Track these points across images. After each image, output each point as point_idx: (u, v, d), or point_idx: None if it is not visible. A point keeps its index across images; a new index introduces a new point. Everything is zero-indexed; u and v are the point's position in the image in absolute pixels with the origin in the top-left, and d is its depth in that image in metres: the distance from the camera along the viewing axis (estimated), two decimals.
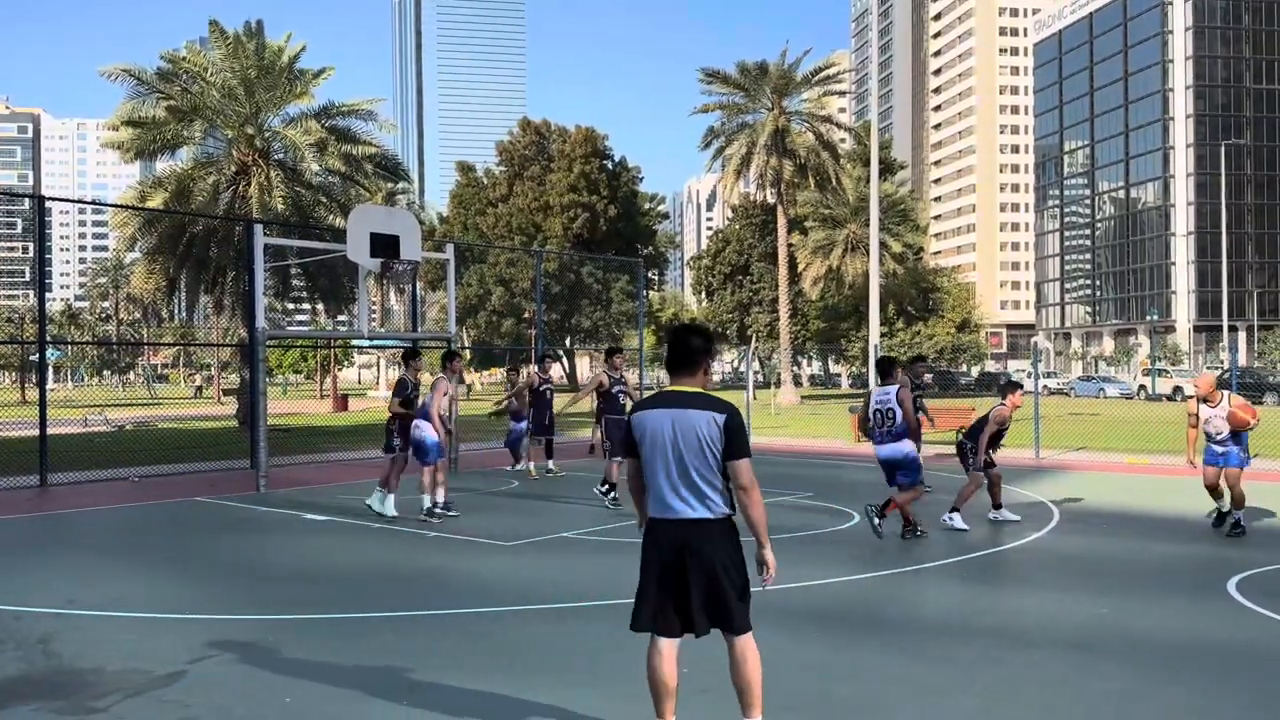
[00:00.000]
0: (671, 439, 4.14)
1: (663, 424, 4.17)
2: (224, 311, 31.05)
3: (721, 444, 4.11)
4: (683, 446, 4.12)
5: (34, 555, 9.48)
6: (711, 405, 4.16)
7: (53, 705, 5.07)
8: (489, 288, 61.17)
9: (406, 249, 15.23)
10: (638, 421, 4.28)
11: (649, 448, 4.20)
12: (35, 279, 17.04)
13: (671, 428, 4.14)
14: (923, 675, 5.54)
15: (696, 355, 4.29)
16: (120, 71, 27.40)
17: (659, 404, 4.25)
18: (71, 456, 18.04)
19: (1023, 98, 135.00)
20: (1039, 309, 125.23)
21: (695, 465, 4.11)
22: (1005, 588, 7.84)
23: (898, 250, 53.84)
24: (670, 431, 4.14)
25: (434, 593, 7.67)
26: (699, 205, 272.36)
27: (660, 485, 4.17)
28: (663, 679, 4.21)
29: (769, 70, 46.81)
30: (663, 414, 4.19)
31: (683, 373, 4.30)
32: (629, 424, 4.34)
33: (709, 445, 4.10)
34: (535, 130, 70.51)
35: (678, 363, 4.32)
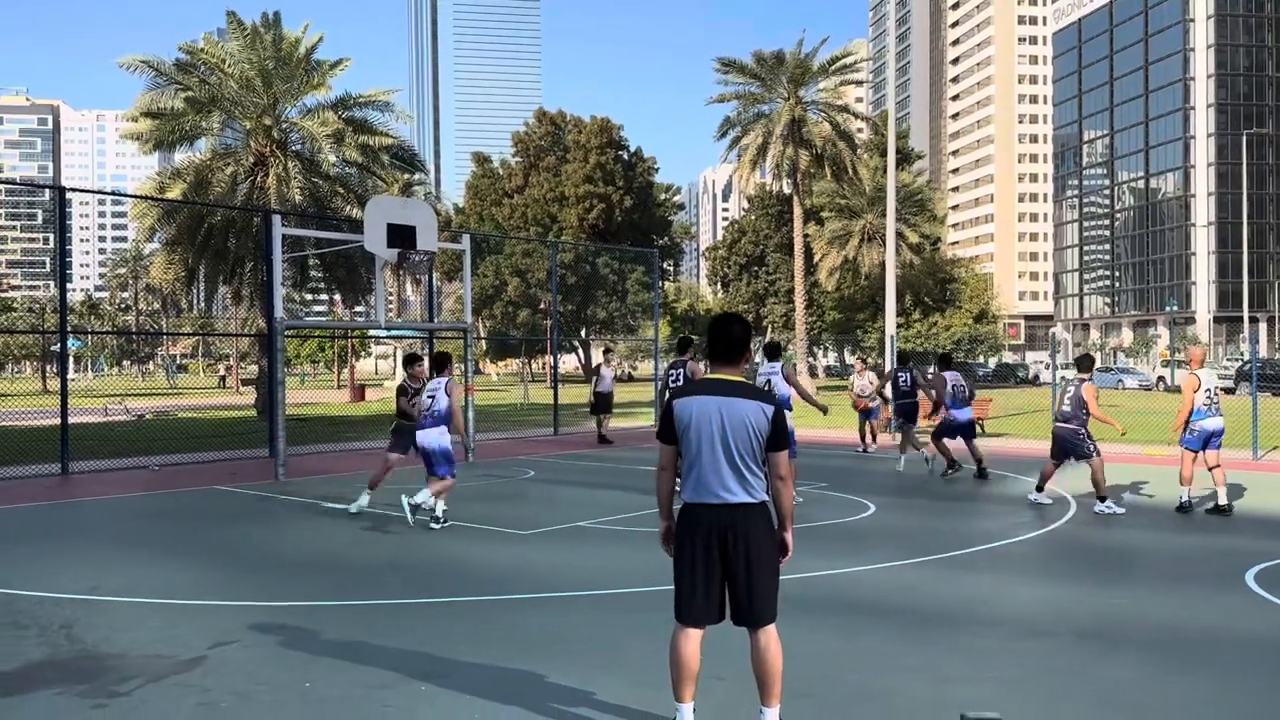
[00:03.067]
0: (719, 426, 4.19)
1: (709, 410, 4.22)
2: (242, 302, 31.20)
3: (767, 434, 4.21)
4: (730, 433, 4.18)
5: (56, 542, 9.59)
6: (759, 396, 4.27)
7: (76, 689, 5.14)
8: (505, 278, 61.26)
9: (423, 239, 15.28)
10: (681, 407, 4.29)
11: (694, 433, 4.23)
12: (56, 269, 17.18)
13: (719, 414, 4.20)
14: (936, 664, 5.55)
15: (739, 345, 4.36)
16: (139, 63, 27.55)
17: (704, 391, 4.29)
18: (92, 445, 18.22)
19: (1041, 87, 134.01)
20: (1057, 300, 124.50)
21: (742, 453, 4.19)
22: (1020, 578, 7.83)
23: (915, 240, 53.56)
24: (718, 418, 4.20)
25: (451, 580, 7.73)
26: (715, 196, 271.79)
27: (705, 470, 4.21)
28: (688, 663, 4.27)
29: (785, 60, 46.59)
30: (709, 401, 4.24)
31: (726, 362, 4.36)
32: (670, 410, 4.34)
33: (755, 433, 4.19)
34: (551, 121, 70.50)
35: (722, 352, 4.37)
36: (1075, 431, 10.95)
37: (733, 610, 4.29)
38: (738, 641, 4.46)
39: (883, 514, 10.84)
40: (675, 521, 4.40)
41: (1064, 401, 11.12)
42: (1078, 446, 10.93)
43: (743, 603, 4.24)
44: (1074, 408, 10.94)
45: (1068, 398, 11.04)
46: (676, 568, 4.33)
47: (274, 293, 15.21)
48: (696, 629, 4.29)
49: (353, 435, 22.54)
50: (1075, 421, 10.92)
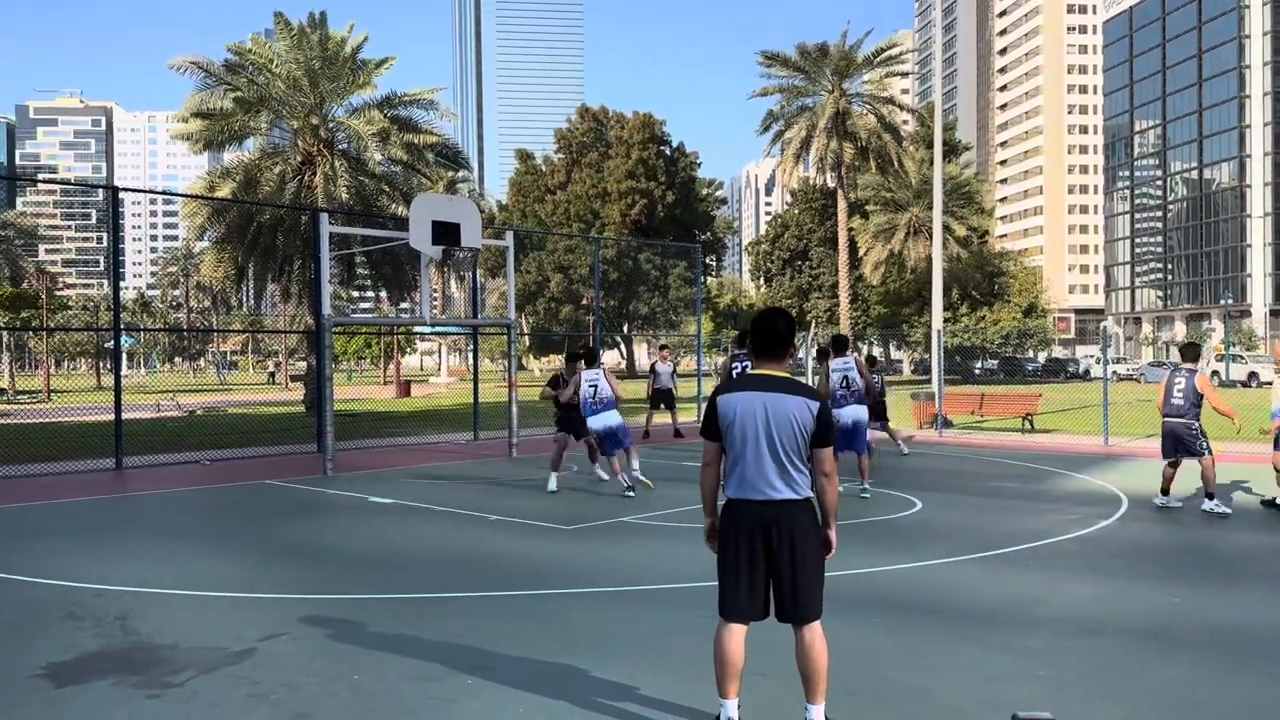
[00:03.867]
0: (764, 421, 4.16)
1: (754, 406, 4.19)
2: (291, 299, 31.66)
3: (812, 430, 4.17)
4: (775, 429, 4.16)
5: (111, 536, 9.79)
6: (804, 392, 4.23)
7: (131, 680, 5.24)
8: (547, 274, 61.50)
9: (467, 236, 15.37)
10: (726, 404, 4.27)
11: (738, 429, 4.21)
12: (110, 268, 17.50)
13: (764, 411, 4.17)
14: (985, 662, 5.47)
15: (783, 340, 4.33)
16: (189, 64, 28.01)
17: (748, 387, 4.26)
18: (145, 441, 18.59)
19: (1091, 77, 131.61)
20: (1108, 293, 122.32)
21: (786, 449, 4.16)
22: (1072, 576, 7.70)
23: (962, 234, 52.95)
24: (763, 414, 4.17)
25: (496, 574, 7.77)
26: (757, 190, 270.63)
27: (749, 467, 4.19)
28: (733, 659, 4.25)
29: (829, 52, 46.25)
30: (753, 396, 4.21)
31: (770, 357, 4.33)
32: (713, 406, 4.31)
33: (801, 430, 4.16)
34: (593, 117, 70.61)
35: (765, 347, 4.34)
36: (1189, 426, 10.31)
37: (777, 607, 4.26)
38: (782, 638, 4.43)
39: (930, 511, 10.72)
40: (720, 517, 4.37)
41: (1173, 394, 10.44)
42: (1192, 443, 10.30)
43: (787, 599, 4.21)
44: (1186, 400, 10.32)
45: (1178, 390, 10.40)
46: (721, 564, 4.30)
47: (322, 290, 15.40)
48: (741, 625, 4.27)
49: (399, 431, 22.77)
50: (1189, 415, 10.31)
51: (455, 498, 11.98)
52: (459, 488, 12.98)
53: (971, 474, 14.11)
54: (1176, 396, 10.44)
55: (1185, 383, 10.37)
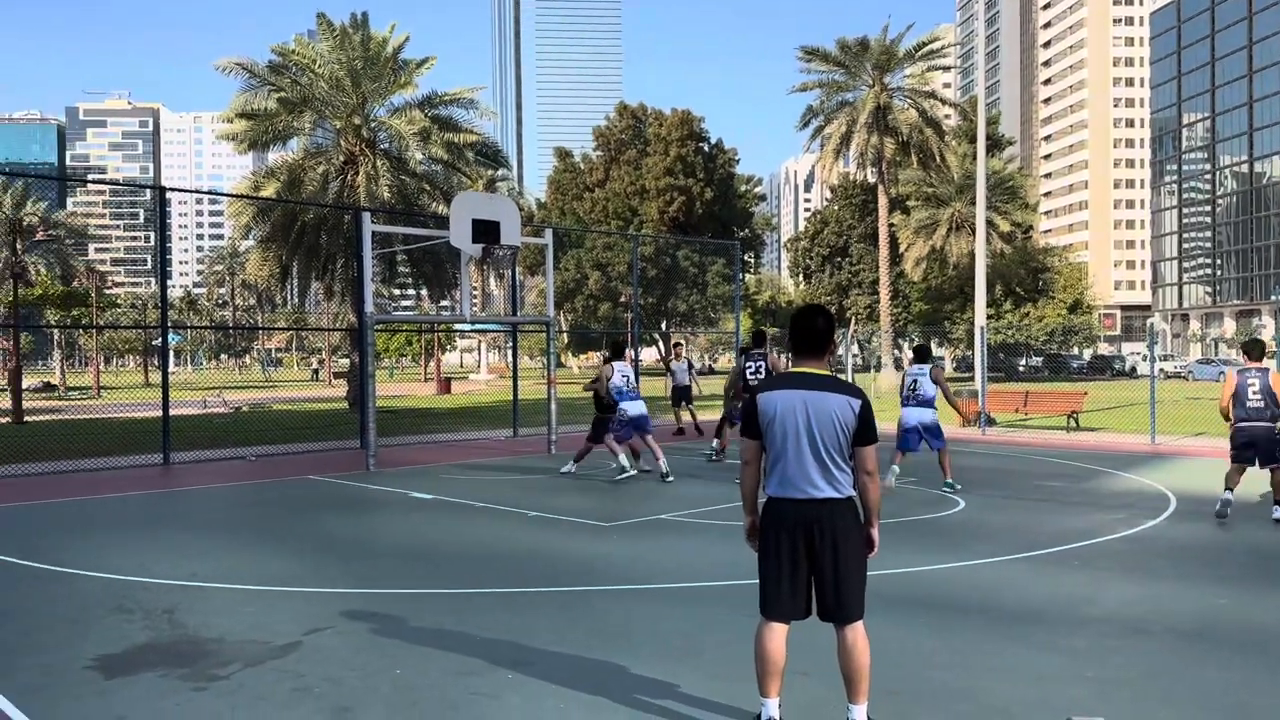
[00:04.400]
0: (805, 420, 4.14)
1: (794, 404, 4.16)
2: (334, 297, 32.00)
3: (854, 428, 4.14)
4: (817, 428, 4.12)
5: (159, 530, 9.96)
6: (846, 389, 4.20)
7: (179, 672, 5.33)
8: (586, 272, 61.60)
9: (507, 234, 15.45)
10: (766, 402, 4.23)
11: (778, 427, 4.18)
12: (157, 267, 17.81)
13: (804, 409, 4.14)
14: (1031, 663, 5.41)
15: (824, 337, 4.30)
16: (234, 65, 28.40)
17: (789, 384, 4.23)
18: (192, 436, 18.91)
19: (1138, 69, 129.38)
20: (1155, 289, 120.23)
21: (828, 447, 4.13)
22: (1118, 576, 7.58)
23: (1006, 229, 52.28)
24: (803, 412, 4.14)
25: (536, 571, 7.80)
26: (796, 186, 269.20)
27: (789, 465, 4.16)
28: (774, 658, 4.22)
29: (870, 46, 45.86)
30: (794, 394, 4.18)
31: (810, 355, 4.30)
32: (753, 404, 4.27)
33: (842, 428, 4.13)
34: (632, 114, 70.59)
35: (805, 345, 4.31)
36: (1270, 429, 9.52)
37: (819, 606, 4.23)
38: (824, 637, 4.40)
39: (973, 510, 10.61)
40: (760, 516, 4.35)
41: (1249, 397, 9.58)
42: (1273, 448, 9.52)
43: (829, 599, 4.18)
44: (1265, 401, 9.53)
45: (1254, 392, 9.57)
46: (762, 563, 4.28)
47: (364, 288, 15.54)
48: (782, 624, 4.24)
49: (439, 427, 22.95)
50: (1269, 418, 9.52)
51: (495, 494, 12.05)
52: (498, 484, 13.06)
53: (1015, 473, 13.94)
54: (1254, 399, 9.60)
55: (1260, 382, 9.60)
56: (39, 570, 7.96)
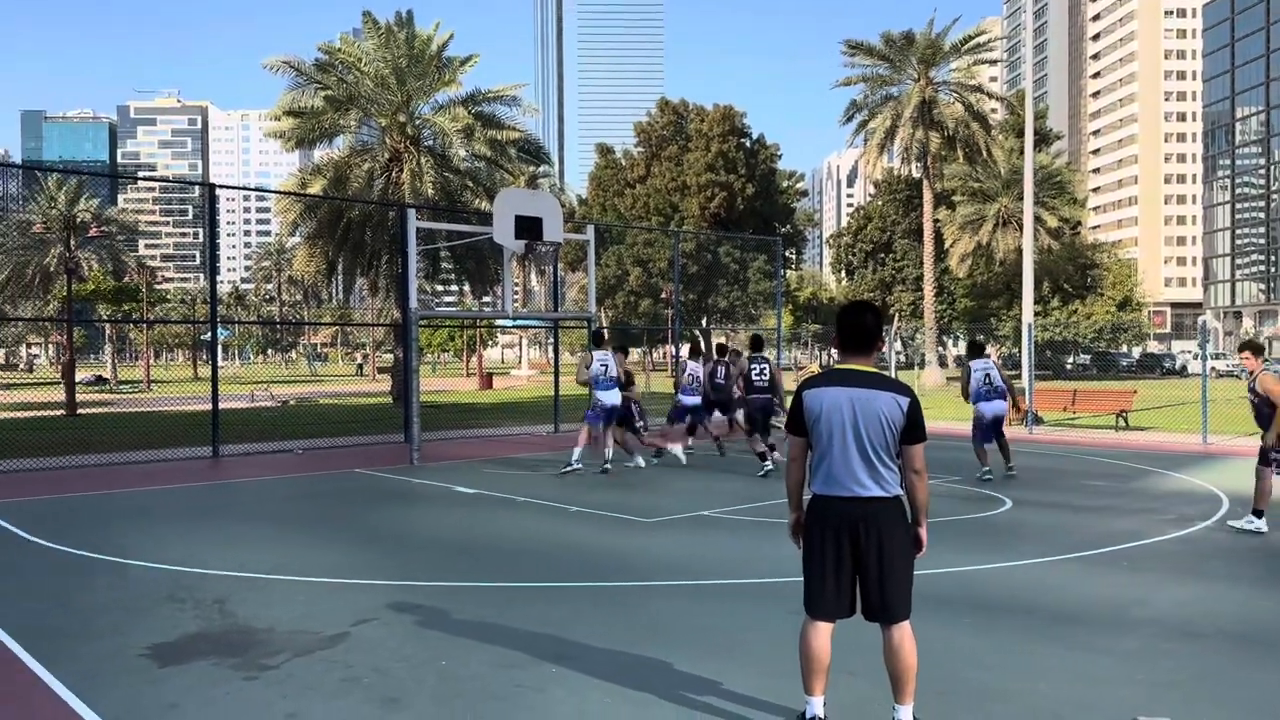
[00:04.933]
0: (851, 418, 4.09)
1: (840, 402, 4.12)
2: (378, 293, 32.34)
3: (902, 426, 4.10)
4: (863, 426, 4.08)
5: (210, 521, 10.14)
6: (894, 387, 4.15)
7: (230, 661, 5.43)
8: (626, 268, 61.65)
9: (549, 230, 15.51)
10: (812, 399, 4.19)
11: (824, 425, 4.14)
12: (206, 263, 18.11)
13: (851, 406, 4.10)
14: (1078, 664, 5.34)
15: (871, 334, 4.23)
16: (281, 64, 28.79)
17: (835, 382, 4.18)
18: (240, 429, 19.22)
19: (1190, 62, 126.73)
20: (1207, 286, 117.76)
21: (875, 445, 4.08)
22: (1169, 577, 7.45)
23: (1053, 225, 51.53)
24: (850, 410, 4.10)
25: (579, 565, 7.83)
26: (839, 182, 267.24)
27: (835, 463, 4.12)
28: (820, 656, 4.20)
29: (915, 40, 45.42)
30: (840, 392, 4.14)
31: (858, 352, 4.24)
32: (799, 401, 4.24)
33: (889, 426, 4.09)
34: (673, 110, 70.48)
35: (853, 342, 4.24)
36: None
37: (864, 605, 4.19)
38: (871, 636, 4.38)
39: (1020, 510, 10.49)
40: (805, 513, 4.32)
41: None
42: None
43: (875, 598, 4.14)
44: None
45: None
46: (807, 560, 4.25)
47: (409, 284, 15.69)
48: (827, 623, 4.22)
49: (481, 422, 23.11)
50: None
51: (537, 489, 12.13)
52: (540, 479, 13.13)
53: (1063, 472, 13.75)
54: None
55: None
56: (94, 560, 8.14)
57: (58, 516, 10.34)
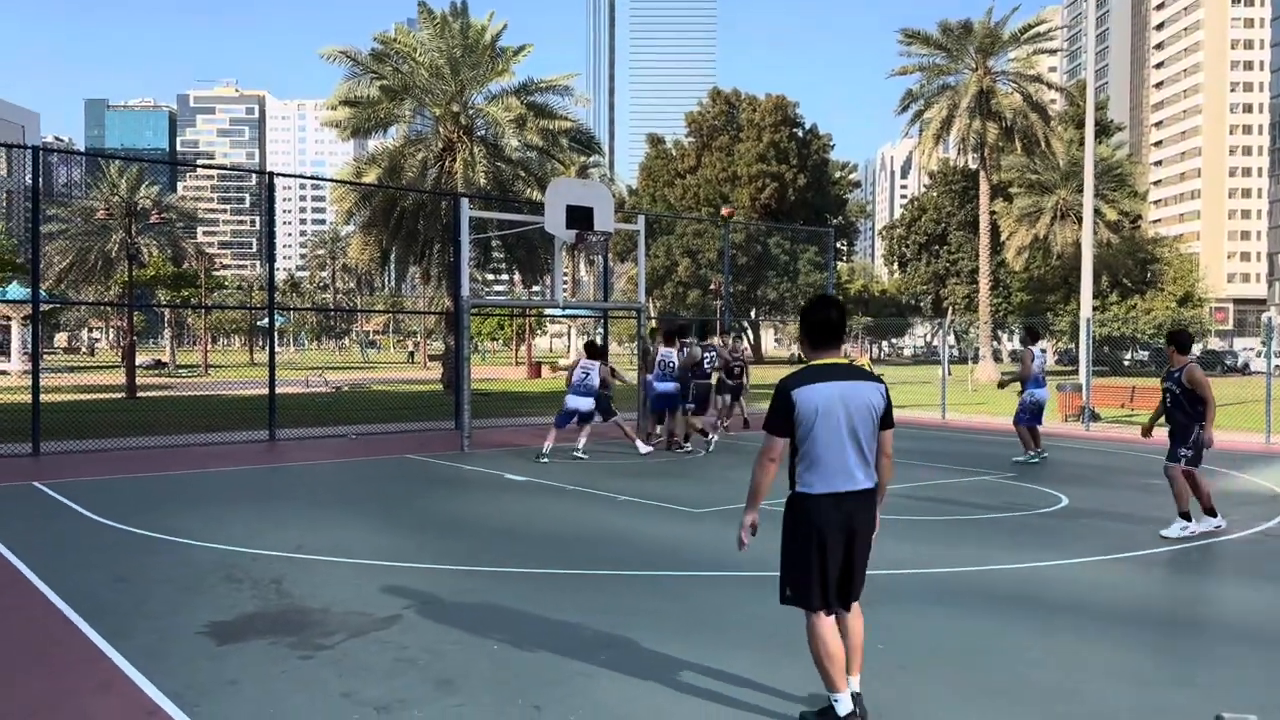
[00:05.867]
0: (846, 412, 4.15)
1: (834, 399, 4.15)
2: (430, 281, 32.63)
3: (881, 413, 4.24)
4: (855, 419, 4.16)
5: (267, 503, 10.33)
6: (871, 377, 4.30)
7: (286, 640, 5.52)
8: (675, 259, 61.58)
9: (600, 220, 15.53)
10: (804, 397, 4.15)
11: (821, 425, 4.13)
12: (263, 250, 18.40)
13: (844, 401, 4.15)
14: (1136, 666, 5.23)
15: (839, 328, 4.30)
16: (338, 53, 29.11)
17: (822, 378, 4.18)
18: (296, 414, 19.53)
19: (1257, 52, 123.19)
20: (1272, 282, 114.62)
21: (866, 436, 4.19)
22: (1229, 578, 7.28)
23: (1113, 218, 50.51)
24: (844, 405, 4.15)
25: (629, 554, 7.85)
26: (892, 173, 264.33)
27: (833, 459, 4.15)
28: (840, 651, 4.22)
29: (973, 29, 44.74)
30: (831, 387, 4.16)
31: (831, 346, 4.29)
32: (789, 401, 4.17)
33: (875, 416, 4.22)
34: (725, 100, 70.19)
35: (827, 336, 4.29)
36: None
37: (844, 590, 4.30)
38: (918, 631, 4.33)
39: (1077, 507, 10.31)
40: (796, 512, 4.27)
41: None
42: None
43: (857, 580, 4.30)
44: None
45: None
46: (801, 558, 4.24)
47: (461, 273, 15.81)
48: (831, 615, 4.26)
49: (531, 410, 23.24)
50: None
51: (586, 477, 12.17)
52: (589, 468, 13.17)
53: (1120, 469, 13.49)
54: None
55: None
56: (154, 539, 8.33)
57: (119, 496, 10.59)
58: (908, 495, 10.94)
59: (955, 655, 5.30)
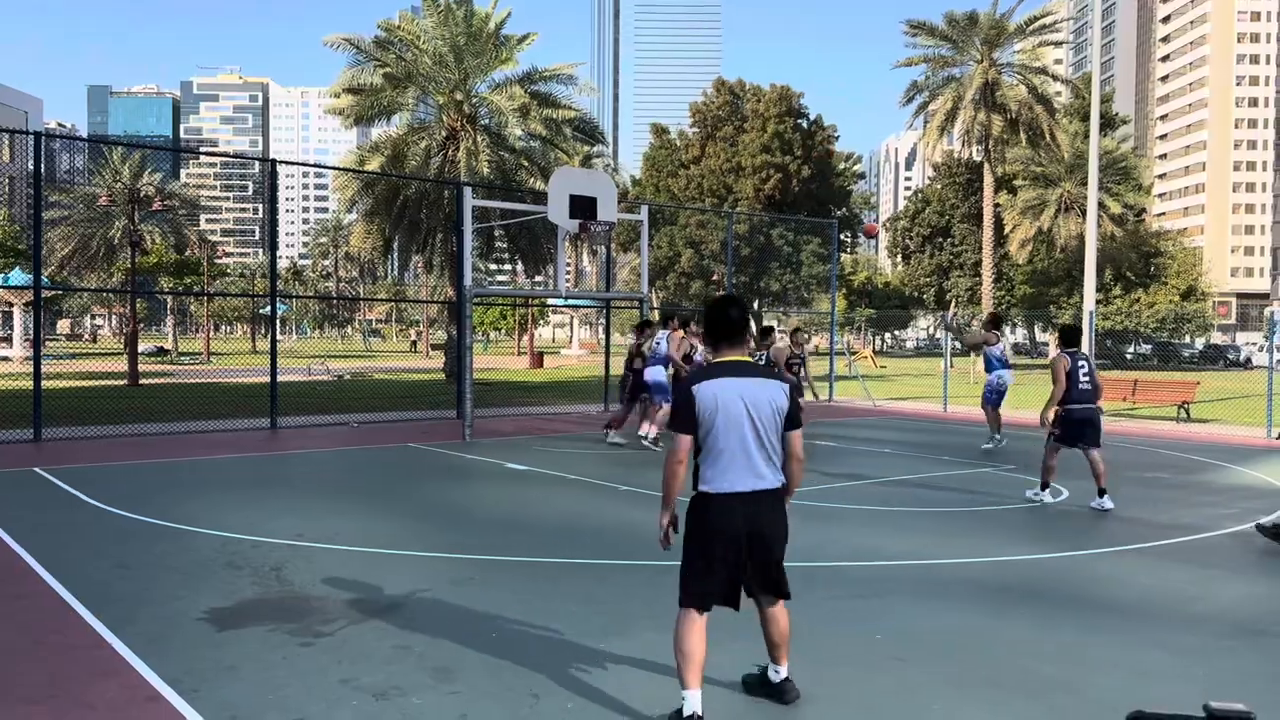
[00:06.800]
0: (747, 411, 4.10)
1: (734, 396, 4.10)
2: (433, 271, 32.59)
3: (786, 412, 4.19)
4: (757, 418, 4.11)
5: (268, 491, 10.34)
6: (775, 376, 4.26)
7: (286, 627, 5.53)
8: (678, 249, 61.46)
9: (603, 210, 15.50)
10: (705, 394, 4.10)
11: (722, 420, 4.09)
12: (266, 238, 18.39)
13: (746, 399, 4.11)
14: (1137, 658, 5.24)
15: (741, 326, 4.27)
16: (341, 41, 29.03)
17: (723, 375, 4.15)
18: (298, 402, 19.53)
19: (1263, 46, 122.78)
20: (1275, 276, 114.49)
21: (768, 436, 4.14)
22: (1230, 572, 7.28)
23: (1117, 211, 50.40)
24: (744, 402, 4.10)
25: (628, 544, 7.85)
26: (896, 164, 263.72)
27: (736, 458, 4.10)
28: (697, 650, 4.16)
29: (979, 20, 44.54)
30: (731, 384, 4.12)
31: (735, 344, 4.27)
32: (689, 397, 4.12)
33: (778, 415, 4.17)
34: (729, 90, 69.92)
35: (730, 334, 4.27)
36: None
37: (760, 586, 4.31)
38: (921, 627, 4.33)
39: (1077, 500, 10.30)
40: (695, 512, 4.21)
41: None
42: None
43: (771, 580, 4.30)
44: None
45: None
46: (695, 558, 4.19)
47: (464, 262, 15.79)
48: (704, 616, 4.19)
49: (532, 400, 23.26)
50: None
51: (587, 468, 12.18)
52: (590, 458, 13.18)
53: (1122, 463, 13.47)
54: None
55: None
56: (155, 526, 8.34)
57: (120, 482, 10.61)
58: (909, 487, 10.95)
59: (953, 647, 5.31)
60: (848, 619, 5.81)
